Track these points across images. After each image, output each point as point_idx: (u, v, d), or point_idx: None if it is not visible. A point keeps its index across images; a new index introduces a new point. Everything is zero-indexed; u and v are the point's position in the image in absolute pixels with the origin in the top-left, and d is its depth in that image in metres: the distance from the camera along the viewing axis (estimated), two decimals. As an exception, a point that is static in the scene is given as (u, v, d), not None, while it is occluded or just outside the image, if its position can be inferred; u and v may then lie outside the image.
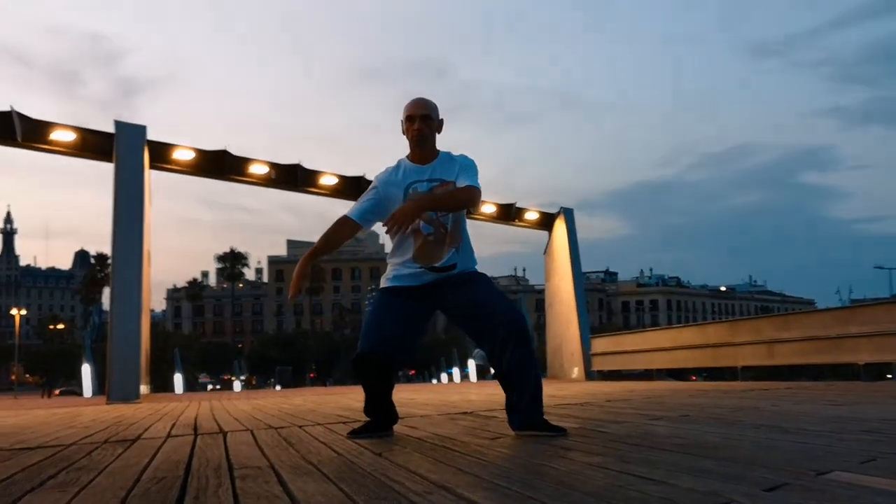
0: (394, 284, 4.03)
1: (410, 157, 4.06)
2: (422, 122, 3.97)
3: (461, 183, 3.92)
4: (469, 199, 3.90)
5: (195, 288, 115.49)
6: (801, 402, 6.04)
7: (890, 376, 13.27)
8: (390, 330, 3.94)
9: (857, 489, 2.15)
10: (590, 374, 17.03)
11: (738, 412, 5.16)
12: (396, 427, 4.23)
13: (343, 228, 4.04)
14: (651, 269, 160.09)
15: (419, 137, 3.97)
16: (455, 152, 4.05)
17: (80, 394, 32.69)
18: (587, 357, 17.19)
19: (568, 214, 18.01)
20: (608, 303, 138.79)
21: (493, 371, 4.00)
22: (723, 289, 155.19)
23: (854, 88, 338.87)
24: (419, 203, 3.81)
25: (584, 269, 19.17)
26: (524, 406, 3.81)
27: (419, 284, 3.96)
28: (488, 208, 17.31)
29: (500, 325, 3.80)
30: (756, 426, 4.09)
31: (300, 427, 4.93)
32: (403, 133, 4.05)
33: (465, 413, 5.82)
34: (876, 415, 4.64)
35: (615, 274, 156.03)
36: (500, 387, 3.94)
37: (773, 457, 2.84)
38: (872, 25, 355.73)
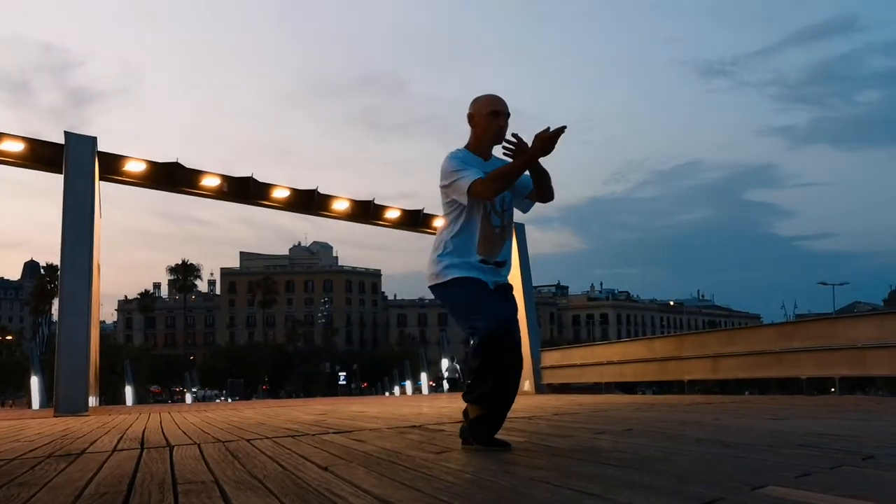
0: (472, 275, 3.85)
1: (474, 151, 3.98)
2: (506, 119, 3.96)
3: (528, 185, 4.01)
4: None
5: (147, 299, 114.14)
6: (743, 417, 6.14)
7: (833, 390, 13.48)
8: (504, 307, 3.85)
9: (790, 503, 2.21)
10: (540, 388, 17.11)
11: (682, 426, 5.24)
12: (342, 440, 4.22)
13: None
14: (601, 284, 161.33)
15: (500, 134, 3.93)
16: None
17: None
18: (537, 370, 17.28)
19: (519, 229, 18.05)
20: (559, 316, 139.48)
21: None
22: (671, 303, 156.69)
23: (800, 108, 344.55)
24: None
25: (536, 283, 19.25)
26: (489, 422, 3.85)
27: (489, 280, 3.90)
28: (440, 221, 17.34)
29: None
30: (697, 440, 4.16)
31: (248, 441, 4.91)
32: (474, 125, 3.98)
33: (414, 426, 5.82)
34: (815, 429, 4.73)
35: (566, 288, 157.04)
36: (448, 399, 3.96)
37: (711, 471, 2.90)
38: (818, 47, 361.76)
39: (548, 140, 3.67)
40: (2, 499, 2.72)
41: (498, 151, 4.01)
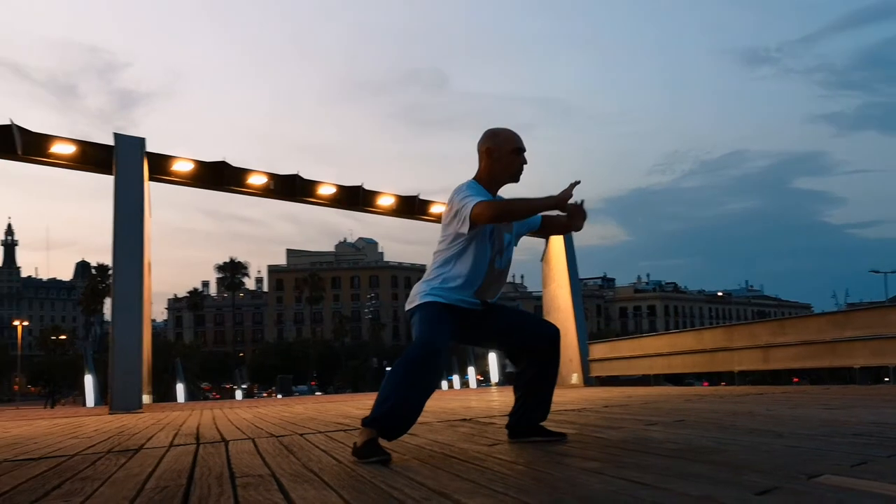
0: (448, 303, 3.69)
1: (485, 185, 3.79)
2: (524, 157, 3.86)
3: (528, 223, 4.04)
4: None
5: (196, 298, 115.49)
6: (795, 407, 6.08)
7: (888, 379, 13.27)
8: (450, 334, 3.69)
9: (847, 492, 2.20)
10: (588, 380, 17.03)
11: (733, 417, 5.20)
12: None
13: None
14: (648, 275, 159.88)
15: (520, 173, 3.85)
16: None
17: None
18: (585, 363, 17.20)
19: (565, 222, 17.94)
20: (606, 309, 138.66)
21: (516, 374, 3.97)
22: (719, 294, 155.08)
23: (847, 94, 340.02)
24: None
25: (582, 275, 19.17)
26: (541, 413, 3.90)
27: (470, 308, 3.76)
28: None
29: (547, 336, 3.88)
30: (750, 430, 4.13)
31: (301, 435, 4.97)
32: (492, 160, 3.79)
33: (465, 420, 5.85)
34: (869, 418, 4.67)
35: (613, 280, 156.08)
36: (498, 393, 3.96)
37: (766, 461, 2.88)
38: (864, 32, 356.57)
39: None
40: (67, 492, 2.79)
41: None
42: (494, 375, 30.28)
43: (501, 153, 3.79)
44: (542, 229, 4.15)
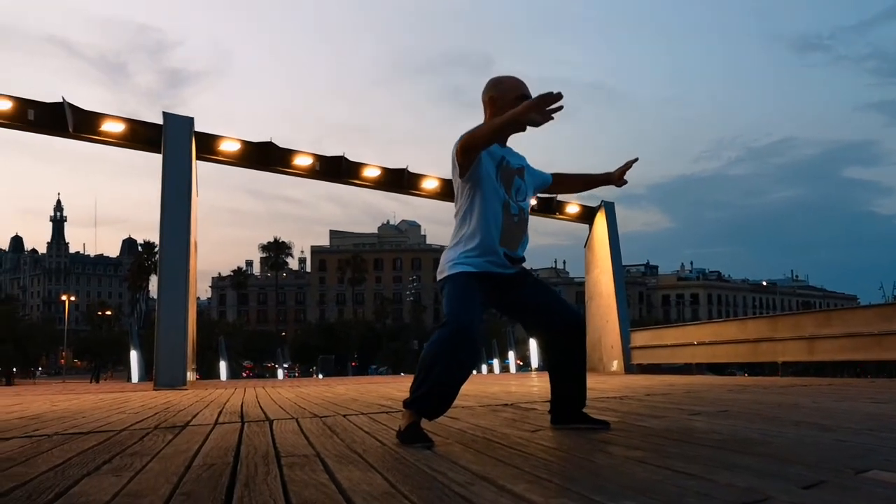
0: (478, 270, 3.61)
1: None
2: None
3: (542, 177, 4.05)
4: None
5: (240, 277, 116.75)
6: (842, 399, 6.01)
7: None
8: (482, 306, 3.59)
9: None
10: (629, 368, 16.94)
11: (778, 409, 5.16)
12: (438, 418, 4.23)
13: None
14: (692, 263, 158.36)
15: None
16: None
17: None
18: (627, 350, 17.11)
19: (609, 208, 17.87)
20: (648, 296, 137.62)
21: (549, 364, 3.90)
22: (764, 283, 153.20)
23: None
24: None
25: (625, 262, 19.03)
26: (576, 399, 3.85)
27: (500, 272, 3.67)
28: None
29: (567, 321, 3.83)
30: (795, 423, 4.09)
31: (344, 416, 5.01)
32: (496, 109, 3.70)
33: (506, 405, 5.86)
34: (918, 413, 4.61)
35: (656, 267, 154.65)
36: (538, 378, 3.94)
37: (812, 454, 2.86)
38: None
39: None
40: (117, 466, 2.84)
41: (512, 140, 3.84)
42: (534, 360, 30.17)
43: (505, 101, 3.68)
44: (570, 186, 4.33)
